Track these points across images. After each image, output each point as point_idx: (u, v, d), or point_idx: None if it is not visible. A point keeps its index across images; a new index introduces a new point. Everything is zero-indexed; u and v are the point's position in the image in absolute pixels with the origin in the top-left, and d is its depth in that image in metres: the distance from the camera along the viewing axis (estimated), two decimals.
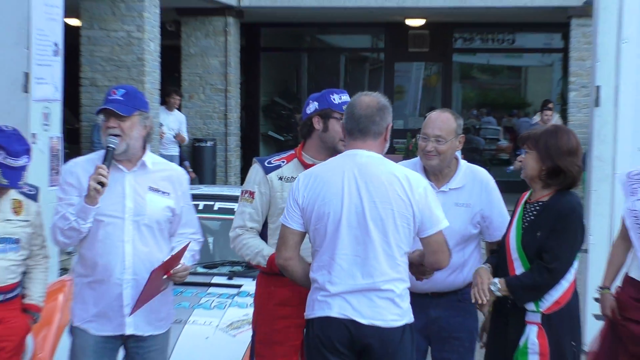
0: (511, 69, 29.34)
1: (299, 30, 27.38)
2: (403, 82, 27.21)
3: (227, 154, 22.46)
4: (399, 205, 5.30)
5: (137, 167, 5.83)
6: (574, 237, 5.72)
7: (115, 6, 17.92)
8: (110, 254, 5.76)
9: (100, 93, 17.50)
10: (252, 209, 5.99)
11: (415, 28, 25.49)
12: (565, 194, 5.77)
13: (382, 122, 5.47)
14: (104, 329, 5.83)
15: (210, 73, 22.25)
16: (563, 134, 5.82)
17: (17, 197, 5.90)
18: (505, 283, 5.68)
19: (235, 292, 7.07)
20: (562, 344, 5.73)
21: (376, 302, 5.31)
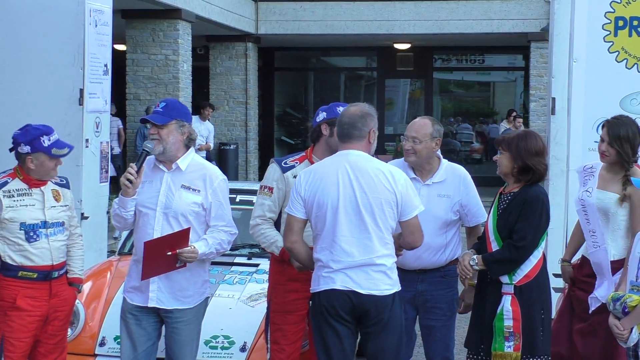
0: (481, 84, 29.32)
1: (306, 54, 27.36)
2: (392, 96, 27.19)
3: (247, 155, 22.48)
4: (385, 194, 5.35)
5: (173, 168, 5.78)
6: (538, 220, 5.70)
7: (155, 34, 17.91)
8: (144, 239, 5.72)
9: (142, 106, 17.50)
10: (270, 202, 5.95)
11: (402, 51, 25.47)
12: (533, 186, 5.76)
13: (364, 127, 5.49)
14: (136, 299, 5.81)
15: (233, 89, 22.28)
16: (532, 138, 5.80)
17: (54, 187, 5.85)
18: (482, 259, 5.69)
19: (253, 270, 7.04)
20: (532, 311, 5.71)
21: (372, 275, 5.35)
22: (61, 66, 9.90)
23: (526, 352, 5.68)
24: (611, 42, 9.02)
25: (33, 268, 5.67)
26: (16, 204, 5.65)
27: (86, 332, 6.37)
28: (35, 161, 5.68)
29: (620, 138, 5.93)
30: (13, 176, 5.73)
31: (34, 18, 10.04)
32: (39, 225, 5.70)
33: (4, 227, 5.63)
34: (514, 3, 22.07)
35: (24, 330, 5.66)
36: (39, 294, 5.70)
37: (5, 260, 5.65)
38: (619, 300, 5.31)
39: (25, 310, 5.65)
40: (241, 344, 6.26)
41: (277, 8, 22.79)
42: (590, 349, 5.99)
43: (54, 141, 5.71)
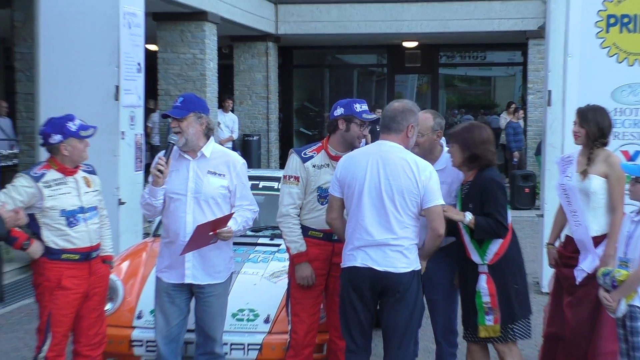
0: (483, 79, 29.18)
1: (322, 52, 27.28)
2: (401, 90, 27.11)
3: (269, 145, 22.47)
4: (407, 183, 5.37)
5: (198, 156, 5.82)
6: (501, 199, 5.75)
7: (184, 35, 17.90)
8: (176, 222, 5.78)
9: (173, 101, 17.51)
10: (298, 190, 6.00)
11: (410, 49, 25.39)
12: (484, 171, 5.79)
13: (403, 122, 5.52)
14: (171, 277, 5.85)
15: (256, 84, 22.25)
16: (476, 129, 5.88)
17: (84, 175, 5.87)
18: (475, 220, 5.69)
19: (275, 250, 7.06)
20: (506, 284, 5.79)
21: (388, 254, 5.39)
22: (98, 65, 9.97)
23: (507, 321, 5.78)
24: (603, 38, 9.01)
25: (75, 250, 5.70)
26: (55, 193, 5.66)
27: (125, 307, 6.41)
28: (69, 147, 5.69)
29: (588, 120, 6.02)
30: (48, 167, 5.73)
31: (74, 22, 10.10)
32: (77, 210, 5.72)
33: (45, 215, 5.65)
34: (513, 3, 21.96)
35: (68, 307, 5.70)
36: (80, 274, 5.74)
37: (49, 245, 5.67)
38: (608, 274, 5.32)
39: (69, 289, 5.69)
40: (265, 316, 6.29)
41: (295, 10, 22.76)
42: (579, 319, 6.02)
43: (79, 125, 5.74)
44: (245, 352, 6.11)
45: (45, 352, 5.68)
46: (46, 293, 5.69)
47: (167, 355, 5.85)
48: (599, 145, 6.02)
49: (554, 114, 9.86)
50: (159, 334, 5.86)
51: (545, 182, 10.22)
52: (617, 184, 5.89)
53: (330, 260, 5.99)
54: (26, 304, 9.50)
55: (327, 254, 5.97)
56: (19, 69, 13.07)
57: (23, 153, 13.11)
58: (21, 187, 5.60)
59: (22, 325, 8.70)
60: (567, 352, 6.11)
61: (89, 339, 5.84)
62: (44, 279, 5.69)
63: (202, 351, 5.90)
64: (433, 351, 6.54)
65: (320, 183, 5.98)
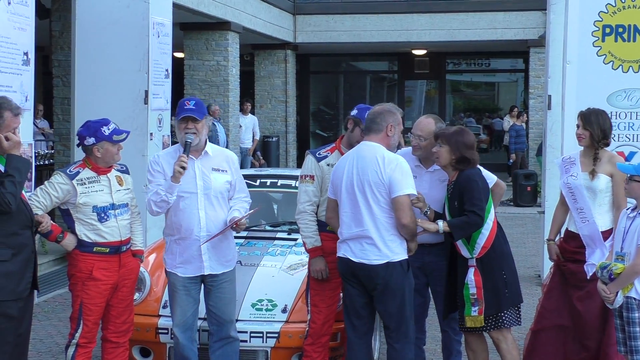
0: (487, 84, 29.14)
1: (337, 59, 27.28)
2: (411, 95, 27.09)
3: (287, 146, 22.50)
4: (374, 177, 5.42)
5: (202, 155, 5.86)
6: (478, 188, 5.70)
7: (208, 43, 17.93)
8: (189, 219, 5.80)
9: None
10: (314, 187, 5.99)
11: (419, 56, 25.36)
12: (465, 171, 5.76)
13: (382, 122, 5.57)
14: (188, 272, 5.86)
15: (275, 89, 22.28)
16: (467, 133, 5.85)
17: (117, 174, 5.86)
18: (447, 222, 5.68)
19: (293, 244, 7.01)
20: (494, 275, 5.76)
21: (364, 246, 5.47)
22: (129, 71, 9.97)
23: (493, 310, 5.74)
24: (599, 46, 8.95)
25: (105, 244, 5.69)
26: (88, 190, 5.66)
27: (151, 296, 6.38)
28: (101, 149, 5.68)
29: (592, 122, 5.96)
30: (83, 166, 5.72)
31: (107, 31, 10.11)
32: (108, 207, 5.71)
33: (79, 210, 5.65)
34: (516, 14, 21.89)
35: (99, 297, 5.69)
36: (110, 266, 5.72)
37: (81, 238, 5.66)
38: (605, 268, 5.28)
39: (100, 280, 5.67)
40: (282, 306, 6.26)
41: (313, 20, 22.77)
42: (590, 312, 5.95)
43: (112, 130, 5.72)
44: (264, 340, 6.08)
45: (77, 338, 5.69)
46: (79, 283, 5.69)
47: (185, 343, 5.85)
48: (603, 146, 5.98)
49: (553, 117, 9.82)
50: (176, 325, 5.85)
51: (546, 181, 10.16)
52: (621, 183, 5.83)
53: None
54: (60, 293, 9.51)
55: None
56: (56, 75, 13.10)
57: (59, 153, 13.13)
58: (57, 184, 5.62)
59: (56, 314, 8.71)
60: (580, 344, 6.03)
61: (117, 327, 5.83)
62: (76, 270, 5.69)
63: (218, 337, 5.89)
64: (440, 339, 6.48)
65: None
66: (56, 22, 13.00)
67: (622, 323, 5.26)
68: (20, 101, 7.85)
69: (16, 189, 4.95)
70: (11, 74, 7.74)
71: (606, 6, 8.89)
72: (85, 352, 5.71)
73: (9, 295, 5.03)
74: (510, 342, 5.85)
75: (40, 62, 19.82)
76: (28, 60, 7.95)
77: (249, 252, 6.78)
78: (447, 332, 6.31)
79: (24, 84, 7.92)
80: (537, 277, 10.50)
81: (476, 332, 5.87)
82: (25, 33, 7.92)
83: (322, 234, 5.97)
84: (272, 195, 8.00)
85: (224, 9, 17.47)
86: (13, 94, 7.70)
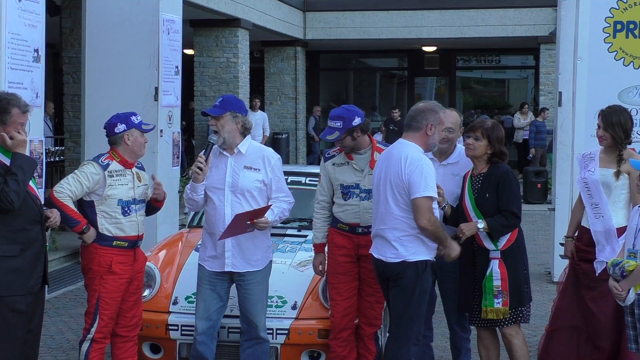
0: (497, 81, 29.09)
1: (347, 56, 27.27)
2: (421, 92, 27.03)
3: (297, 143, 22.52)
4: (395, 177, 5.41)
5: (235, 153, 5.85)
6: (517, 190, 5.79)
7: (218, 40, 17.95)
8: (216, 215, 5.81)
9: (208, 101, 17.55)
10: (320, 187, 6.12)
11: (429, 53, 25.33)
12: (498, 165, 5.78)
13: (423, 121, 5.50)
14: (214, 266, 5.87)
15: (285, 86, 22.30)
16: (500, 128, 5.90)
17: (136, 170, 5.89)
18: (487, 223, 5.66)
19: (302, 240, 7.00)
20: (516, 269, 5.77)
21: (382, 243, 5.50)
22: (139, 68, 9.99)
23: (516, 304, 5.75)
24: (610, 43, 8.94)
25: (125, 238, 5.72)
26: (115, 183, 5.70)
27: (162, 293, 6.38)
28: (131, 137, 5.73)
29: (613, 124, 5.91)
30: (111, 159, 5.76)
31: (117, 28, 10.13)
32: (131, 201, 5.75)
33: (104, 202, 5.67)
34: (526, 11, 21.84)
35: (116, 291, 5.71)
36: (127, 260, 5.75)
37: (102, 232, 5.68)
38: (617, 265, 5.25)
39: (118, 274, 5.69)
40: (292, 303, 6.25)
41: (322, 17, 22.75)
42: (604, 313, 5.92)
43: (140, 120, 5.84)
44: (274, 337, 6.07)
45: (92, 333, 5.69)
46: (96, 277, 5.69)
47: (204, 339, 5.83)
48: (625, 146, 5.94)
49: (564, 113, 9.79)
50: (198, 319, 5.85)
51: (556, 177, 10.14)
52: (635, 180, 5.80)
53: (357, 251, 5.97)
54: (70, 289, 9.52)
55: (353, 244, 5.99)
56: (67, 72, 13.14)
57: (69, 150, 13.16)
58: (89, 173, 5.65)
59: (66, 310, 8.72)
60: (593, 345, 6.00)
61: (126, 321, 5.84)
62: (95, 264, 5.69)
63: (248, 337, 5.89)
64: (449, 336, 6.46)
65: (341, 180, 5.98)
66: (66, 19, 13.04)
67: (633, 320, 5.23)
68: (30, 98, 7.86)
69: (19, 187, 4.96)
70: (22, 71, 7.75)
71: (617, 3, 8.88)
72: (100, 348, 5.72)
73: (18, 290, 5.04)
74: (522, 338, 5.86)
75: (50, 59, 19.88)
76: (38, 57, 7.96)
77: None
78: (455, 330, 6.29)
79: (35, 80, 7.94)
80: (547, 274, 10.47)
81: (491, 327, 5.84)
82: (35, 30, 7.93)
83: (334, 230, 6.03)
84: None
85: (234, 5, 17.48)
86: (23, 91, 7.71)
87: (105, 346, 5.77)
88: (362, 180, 5.93)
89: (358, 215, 5.95)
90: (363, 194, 5.93)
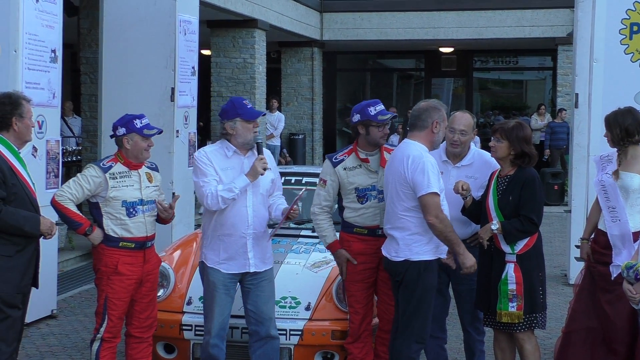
0: (515, 82, 28.96)
1: (364, 57, 27.24)
2: (438, 92, 26.94)
3: (313, 143, 22.50)
4: (399, 176, 5.45)
5: (250, 153, 5.88)
6: (540, 197, 5.74)
7: (235, 41, 17.97)
8: (237, 216, 5.79)
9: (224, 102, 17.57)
10: (325, 192, 6.01)
11: (446, 54, 25.27)
12: (525, 169, 5.74)
13: (428, 119, 5.52)
14: (231, 268, 5.84)
15: (301, 87, 22.30)
16: (525, 128, 5.81)
17: (147, 170, 5.90)
18: (501, 225, 5.64)
19: (317, 241, 6.97)
20: (532, 274, 5.72)
21: (390, 242, 5.58)
22: (156, 68, 10.02)
23: (529, 310, 5.70)
24: (627, 44, 8.91)
25: (131, 239, 5.72)
26: (119, 185, 5.70)
27: (176, 293, 6.40)
28: (130, 141, 5.73)
29: (610, 124, 5.81)
30: (115, 161, 5.77)
31: (134, 29, 10.17)
32: (137, 202, 5.74)
33: (108, 204, 5.69)
34: (543, 12, 21.75)
35: (124, 292, 5.73)
36: (135, 261, 5.75)
37: (108, 232, 5.70)
38: (632, 268, 5.22)
39: (125, 275, 5.70)
40: (306, 304, 6.26)
41: (339, 18, 22.74)
42: (620, 315, 5.85)
43: (145, 124, 5.79)
44: (287, 338, 6.08)
45: (102, 333, 5.73)
46: (104, 278, 5.73)
47: (217, 342, 5.83)
48: (628, 144, 5.79)
49: (580, 115, 9.76)
50: (214, 324, 5.81)
51: (572, 179, 10.10)
52: None
53: (379, 254, 5.90)
54: (86, 289, 9.57)
55: (373, 249, 5.88)
56: (84, 72, 13.20)
57: (87, 150, 13.22)
58: (90, 177, 5.68)
59: (82, 309, 8.76)
60: (608, 348, 5.96)
61: (140, 322, 5.86)
62: (102, 264, 5.73)
63: (258, 337, 5.88)
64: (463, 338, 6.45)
65: (356, 184, 5.92)
66: (84, 19, 13.11)
67: None
68: (47, 98, 7.92)
69: (8, 222, 5.26)
70: (39, 71, 7.80)
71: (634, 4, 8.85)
72: (110, 347, 5.75)
73: (10, 289, 5.31)
74: (534, 343, 5.81)
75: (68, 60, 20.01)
76: (56, 57, 8.01)
77: (273, 249, 6.76)
78: (469, 332, 6.27)
79: (52, 81, 7.99)
80: (563, 276, 10.43)
81: (507, 331, 5.82)
82: (53, 30, 7.98)
83: (350, 235, 5.95)
84: (297, 193, 7.98)
85: (251, 6, 17.51)
86: (41, 91, 7.77)
87: (115, 345, 5.80)
88: (378, 182, 5.90)
89: (377, 217, 5.88)
90: (381, 195, 5.91)
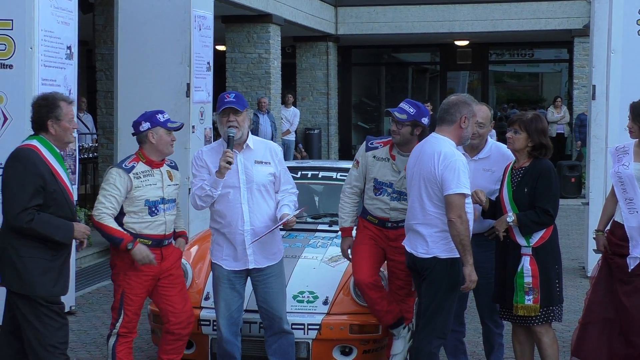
0: (531, 75, 28.87)
1: (379, 51, 27.19)
2: (453, 86, 26.85)
3: (329, 138, 22.51)
4: (428, 173, 5.38)
5: (244, 149, 5.85)
6: (556, 189, 5.70)
7: (250, 36, 17.98)
8: (233, 213, 5.80)
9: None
10: (356, 173, 6.12)
11: (462, 47, 25.19)
12: (541, 160, 5.71)
13: (456, 114, 5.48)
14: (233, 265, 5.86)
15: (317, 82, 22.30)
16: (542, 120, 5.79)
17: (168, 169, 5.90)
18: (517, 217, 5.62)
19: (334, 236, 7.00)
20: (548, 267, 5.69)
21: (415, 237, 5.51)
22: (171, 64, 10.03)
23: (545, 303, 5.67)
24: None
25: (149, 236, 5.72)
26: (142, 184, 5.70)
27: (193, 288, 6.40)
28: (155, 135, 5.72)
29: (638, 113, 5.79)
30: (137, 160, 5.76)
31: (150, 25, 10.18)
32: (159, 201, 5.75)
33: (131, 203, 5.68)
34: (559, 4, 21.66)
35: (140, 288, 5.74)
36: None
37: (127, 229, 5.70)
38: None
39: (142, 271, 5.71)
40: (324, 298, 6.26)
41: (354, 12, 22.72)
42: (637, 307, 5.85)
43: (167, 118, 5.82)
44: (305, 332, 6.09)
45: (118, 328, 5.75)
46: (120, 273, 5.75)
47: (229, 337, 5.85)
48: None
49: (598, 107, 9.71)
50: (221, 318, 5.86)
51: (590, 171, 10.06)
52: None
53: (387, 243, 5.99)
54: (104, 285, 9.60)
55: (382, 238, 6.02)
56: (100, 69, 13.24)
57: (102, 146, 13.26)
58: (117, 182, 5.66)
59: (100, 305, 8.79)
60: (626, 339, 5.93)
61: (177, 317, 5.84)
62: (119, 259, 5.74)
63: (272, 332, 5.90)
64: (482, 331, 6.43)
65: (376, 174, 5.98)
66: (99, 16, 13.14)
67: None
68: None
69: (41, 229, 5.27)
70: (55, 68, 7.83)
71: None
72: (126, 342, 5.78)
73: (44, 292, 5.35)
74: (552, 336, 5.79)
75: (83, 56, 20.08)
76: (71, 54, 8.03)
77: (291, 244, 6.79)
78: (488, 325, 6.25)
79: (67, 77, 8.01)
80: (581, 269, 10.39)
81: (524, 324, 5.80)
82: (68, 27, 8.00)
83: (364, 221, 6.07)
84: (313, 187, 8.01)
85: (265, 1, 17.51)
86: (56, 88, 7.78)
87: (131, 340, 5.82)
88: (397, 182, 5.93)
89: (386, 212, 5.98)
90: (395, 194, 5.94)
